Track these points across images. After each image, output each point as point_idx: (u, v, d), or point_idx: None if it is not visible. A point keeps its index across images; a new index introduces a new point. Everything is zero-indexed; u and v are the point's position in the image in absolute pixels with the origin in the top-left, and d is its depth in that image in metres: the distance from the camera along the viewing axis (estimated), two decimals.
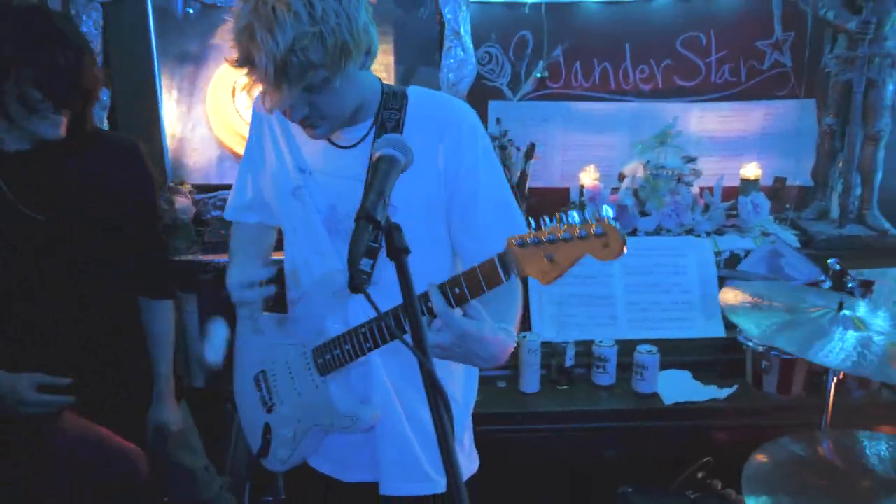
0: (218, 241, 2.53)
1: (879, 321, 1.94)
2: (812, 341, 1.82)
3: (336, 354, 1.49)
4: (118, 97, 2.57)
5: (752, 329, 1.89)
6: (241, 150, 2.68)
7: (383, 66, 2.59)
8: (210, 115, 2.68)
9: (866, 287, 2.38)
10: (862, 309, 1.98)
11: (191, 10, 2.60)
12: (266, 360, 1.64)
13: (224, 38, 2.64)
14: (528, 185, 2.70)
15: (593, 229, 1.13)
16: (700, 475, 2.19)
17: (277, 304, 1.67)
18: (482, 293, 1.27)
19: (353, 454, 1.61)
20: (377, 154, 1.17)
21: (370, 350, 1.44)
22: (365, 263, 1.47)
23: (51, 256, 1.76)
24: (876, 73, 2.55)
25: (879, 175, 2.68)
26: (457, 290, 1.27)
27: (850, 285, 2.37)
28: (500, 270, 1.23)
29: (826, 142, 2.75)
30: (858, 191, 2.71)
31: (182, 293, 2.45)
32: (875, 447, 1.81)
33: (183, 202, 2.50)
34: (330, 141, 1.48)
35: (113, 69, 2.52)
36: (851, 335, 1.85)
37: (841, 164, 2.73)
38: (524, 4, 2.73)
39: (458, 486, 0.97)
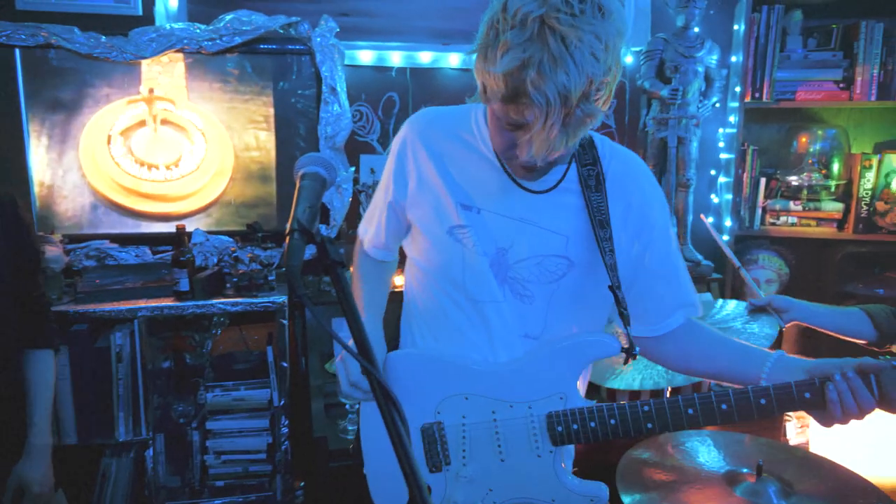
0: (92, 291, 2.24)
1: None
2: None
3: (577, 431, 1.21)
4: None
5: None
6: (116, 197, 2.45)
7: (263, 118, 2.48)
8: (83, 162, 2.40)
9: None
10: None
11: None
12: (451, 409, 1.29)
13: (99, 86, 2.41)
14: None
15: None
16: None
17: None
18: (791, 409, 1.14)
19: None
20: (301, 171, 1.02)
21: (621, 436, 1.19)
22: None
23: None
24: (684, 132, 2.73)
25: (690, 216, 2.84)
26: (762, 402, 1.14)
27: None
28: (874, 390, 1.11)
29: None
30: (675, 230, 2.81)
31: None
32: (703, 444, 1.86)
33: (53, 251, 2.20)
34: (514, 181, 1.22)
35: None
36: None
37: None
38: (391, 69, 2.73)
39: (422, 495, 0.85)
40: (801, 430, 3.05)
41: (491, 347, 1.27)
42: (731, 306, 2.17)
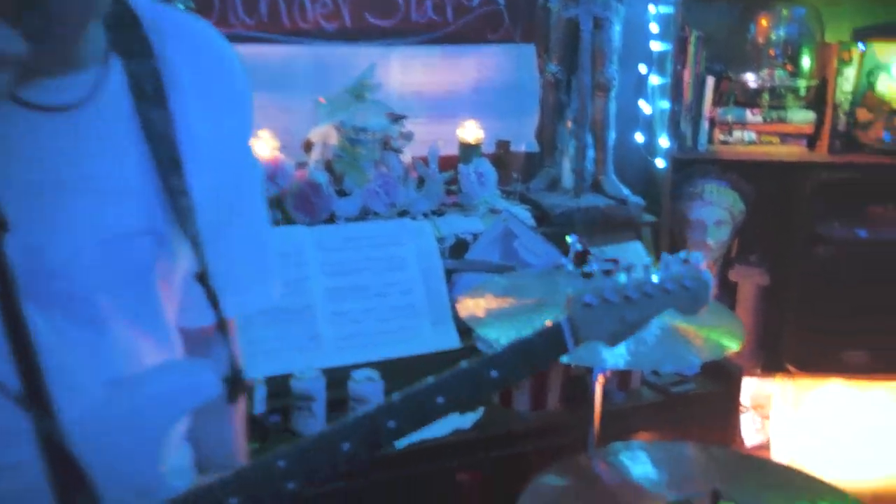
0: None
1: None
2: None
3: None
4: None
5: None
6: None
7: None
8: None
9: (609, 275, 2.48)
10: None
11: None
12: None
13: None
14: None
15: (684, 280, 1.29)
16: None
17: None
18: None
19: None
20: None
21: None
22: None
23: None
24: (602, 10, 2.63)
25: (613, 133, 2.78)
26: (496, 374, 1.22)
27: (594, 267, 2.44)
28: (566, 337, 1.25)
29: (550, 95, 2.79)
30: (591, 153, 2.78)
31: None
32: (637, 459, 1.92)
33: None
34: (20, 101, 0.98)
35: None
36: None
37: (569, 122, 2.78)
38: None
39: None
40: (760, 427, 3.11)
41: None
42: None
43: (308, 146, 2.62)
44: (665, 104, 2.90)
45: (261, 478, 1.10)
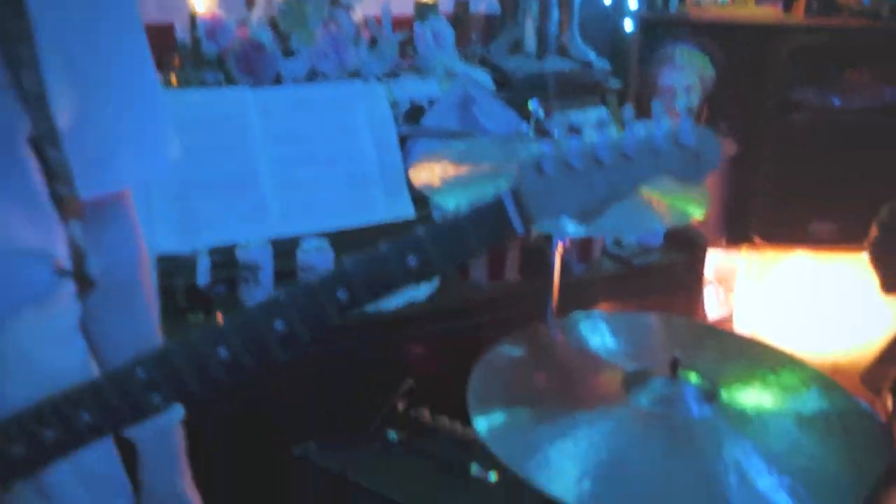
0: None
1: None
2: None
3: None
4: None
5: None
6: None
7: None
8: None
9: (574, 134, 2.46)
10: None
11: None
12: None
13: None
14: None
15: (679, 137, 0.99)
16: (401, 406, 2.14)
17: None
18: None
19: None
20: None
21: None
22: None
23: None
24: None
25: None
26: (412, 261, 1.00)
27: (555, 133, 2.42)
28: (510, 216, 1.01)
29: None
30: (556, 13, 2.73)
31: None
32: (596, 329, 1.93)
33: None
34: None
35: None
36: None
37: None
38: None
39: None
40: (723, 300, 3.15)
41: None
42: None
43: (250, 1, 2.54)
44: None
45: (117, 389, 1.00)
